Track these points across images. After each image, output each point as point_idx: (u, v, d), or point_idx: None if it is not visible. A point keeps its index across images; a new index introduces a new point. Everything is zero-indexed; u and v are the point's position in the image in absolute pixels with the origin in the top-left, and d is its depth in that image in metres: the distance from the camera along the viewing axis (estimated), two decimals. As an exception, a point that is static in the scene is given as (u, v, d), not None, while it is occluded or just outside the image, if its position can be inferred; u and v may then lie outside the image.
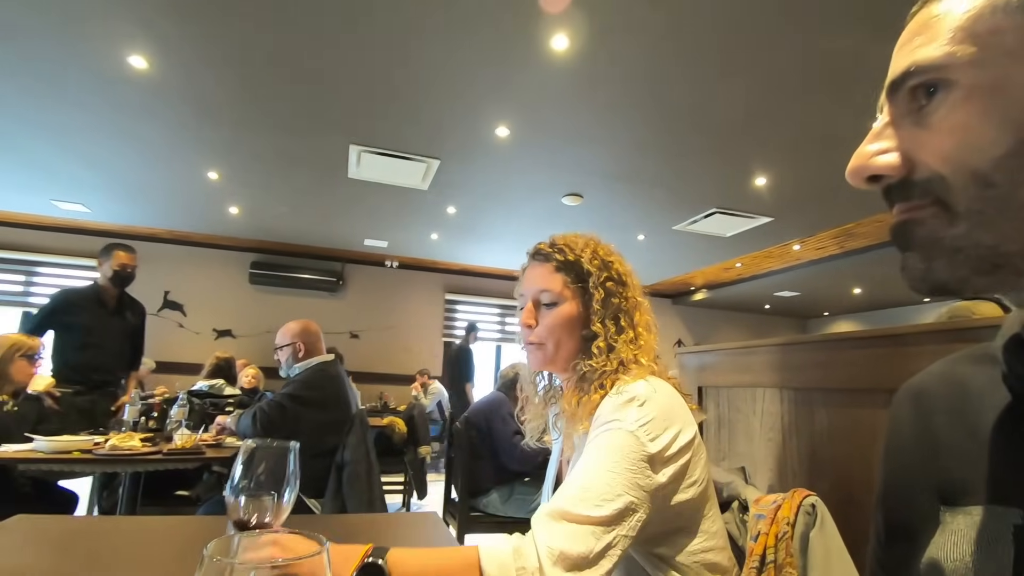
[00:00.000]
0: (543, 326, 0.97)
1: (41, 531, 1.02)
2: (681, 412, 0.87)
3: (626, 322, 0.96)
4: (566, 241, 1.02)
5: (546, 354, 0.98)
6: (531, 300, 1.00)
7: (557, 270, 0.98)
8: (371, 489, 2.44)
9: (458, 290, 8.35)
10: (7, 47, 2.99)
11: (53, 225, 6.71)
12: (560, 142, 3.90)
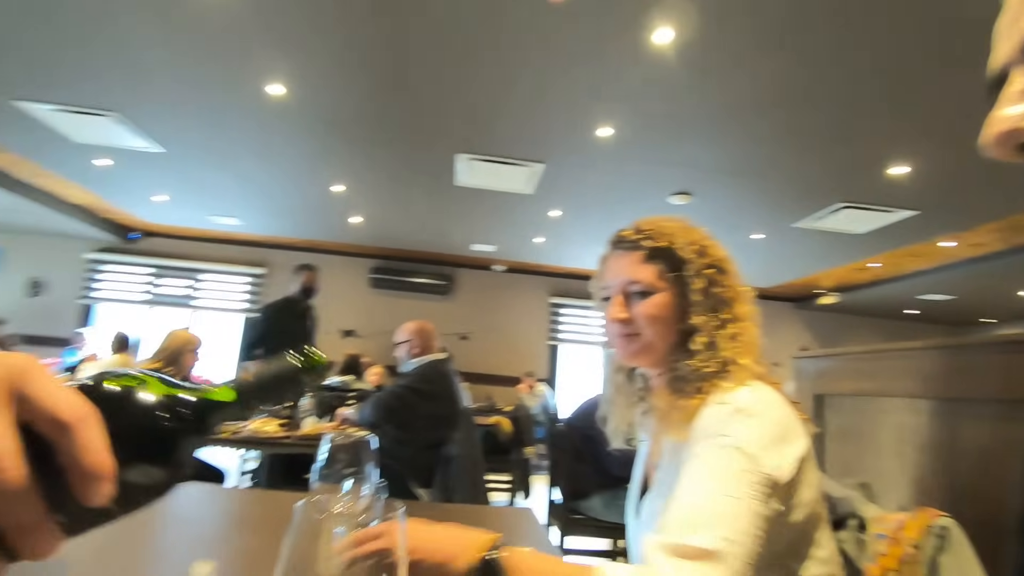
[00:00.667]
0: (639, 315, 0.89)
1: (199, 495, 1.18)
2: (795, 426, 0.79)
3: (728, 314, 0.88)
4: (655, 226, 0.92)
5: (643, 344, 0.90)
6: (620, 292, 0.91)
7: (648, 259, 0.90)
8: (475, 483, 2.53)
9: (563, 293, 8.36)
10: (175, 82, 3.50)
11: (210, 237, 7.72)
12: (667, 139, 3.78)
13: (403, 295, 8.00)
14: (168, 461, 0.29)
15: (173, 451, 0.30)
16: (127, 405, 0.29)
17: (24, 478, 0.24)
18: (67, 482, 0.25)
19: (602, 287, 0.96)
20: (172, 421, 0.30)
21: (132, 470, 0.27)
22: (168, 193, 5.96)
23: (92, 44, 3.08)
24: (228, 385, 0.33)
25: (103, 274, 7.73)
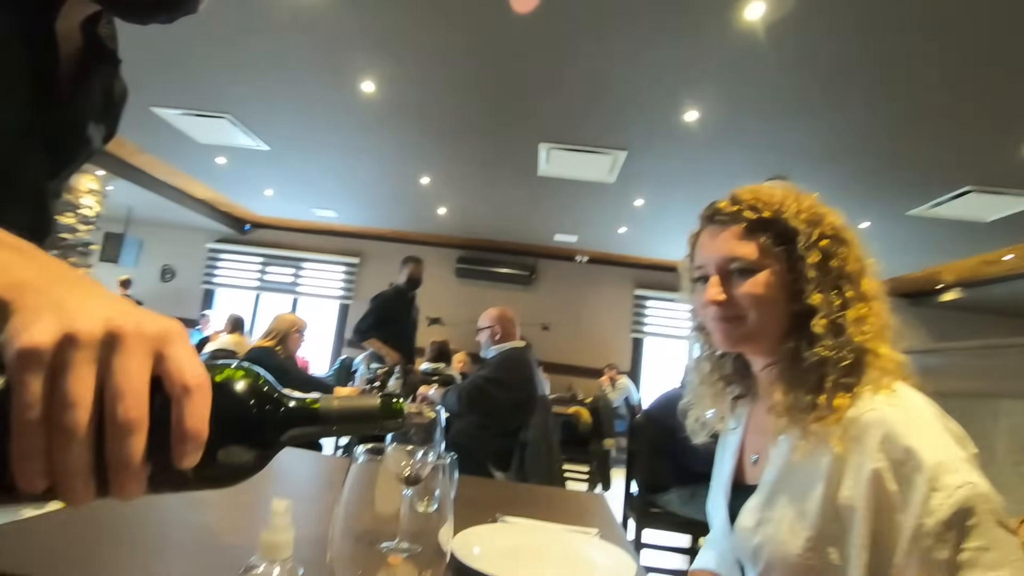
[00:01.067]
0: (742, 295, 0.79)
1: (296, 457, 1.31)
2: (962, 434, 0.70)
3: (851, 292, 0.76)
4: (756, 195, 0.82)
5: (747, 328, 0.79)
6: (717, 271, 0.81)
7: (750, 232, 0.79)
8: (551, 468, 2.56)
9: (648, 285, 8.15)
10: (277, 84, 3.80)
11: (312, 228, 8.30)
12: (759, 121, 3.57)
13: (487, 285, 8.16)
14: (250, 449, 0.33)
15: (256, 442, 0.34)
16: (234, 392, 0.33)
17: (143, 420, 0.28)
18: (168, 439, 0.29)
19: (696, 267, 0.86)
20: (262, 416, 0.34)
21: (219, 447, 0.31)
22: (273, 188, 6.49)
23: (209, 52, 3.41)
24: (317, 403, 0.35)
25: (221, 262, 8.56)
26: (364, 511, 0.42)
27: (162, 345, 0.30)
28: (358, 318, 4.35)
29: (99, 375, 0.28)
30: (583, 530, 0.96)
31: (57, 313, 0.28)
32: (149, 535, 0.75)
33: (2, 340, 0.28)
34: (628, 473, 3.18)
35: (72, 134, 0.68)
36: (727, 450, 0.95)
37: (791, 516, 0.74)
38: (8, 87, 0.57)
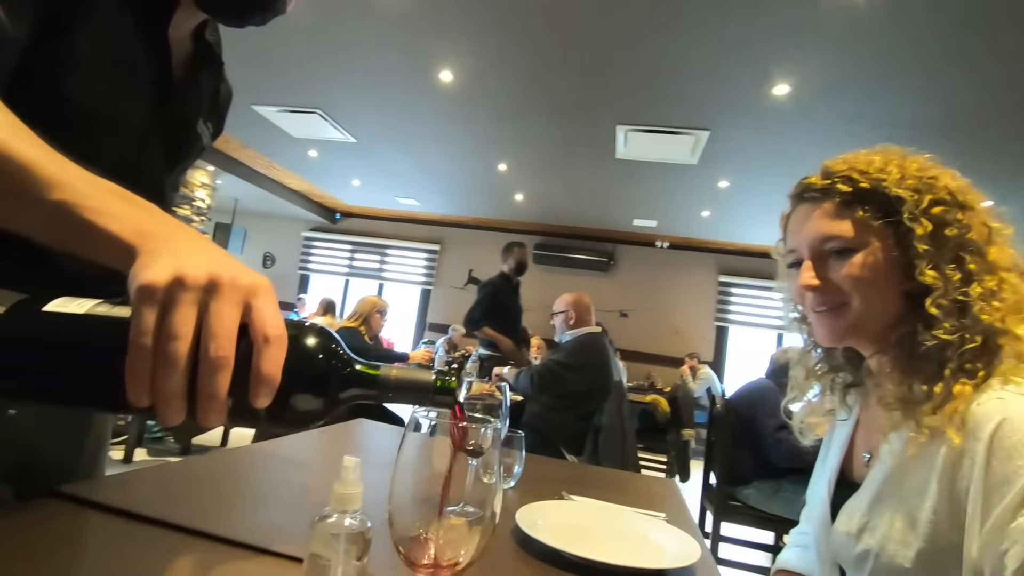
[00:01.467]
0: (841, 279, 0.70)
1: (377, 429, 1.40)
2: None
3: (976, 263, 0.67)
4: (852, 164, 0.73)
5: (851, 317, 0.71)
6: (811, 254, 0.74)
7: (845, 206, 0.71)
8: (624, 454, 2.55)
9: (734, 271, 7.78)
10: (361, 78, 3.97)
11: (396, 216, 8.64)
12: (861, 91, 3.28)
13: (565, 271, 8.14)
14: (315, 399, 0.37)
15: (321, 394, 0.38)
16: (307, 347, 0.37)
17: (229, 360, 0.33)
18: (247, 380, 0.33)
19: (788, 251, 0.79)
20: (328, 372, 0.38)
21: (289, 393, 0.36)
22: (360, 178, 6.81)
23: (301, 51, 3.63)
24: (378, 369, 0.39)
25: (315, 249, 9.14)
26: (424, 475, 0.44)
27: (251, 296, 0.34)
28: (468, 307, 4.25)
29: (199, 316, 0.33)
30: (650, 513, 0.95)
31: (172, 258, 0.34)
32: (256, 489, 0.84)
33: (129, 276, 0.34)
34: (707, 464, 3.09)
35: (184, 131, 0.76)
36: (835, 442, 0.87)
37: (901, 524, 0.66)
38: (131, 90, 0.65)
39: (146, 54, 0.66)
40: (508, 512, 0.79)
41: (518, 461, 1.03)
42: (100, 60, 0.61)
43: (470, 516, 0.41)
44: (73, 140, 0.55)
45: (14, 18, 0.51)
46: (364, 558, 0.47)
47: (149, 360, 0.32)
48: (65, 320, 0.35)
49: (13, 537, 0.54)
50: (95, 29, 0.59)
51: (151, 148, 0.70)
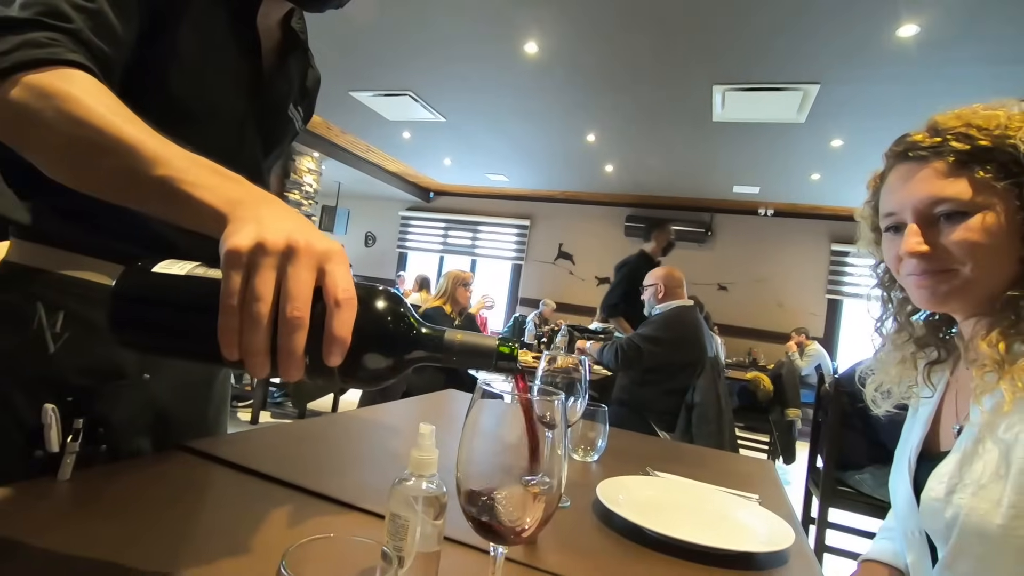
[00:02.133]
0: (955, 244, 0.66)
1: (461, 401, 1.45)
2: None
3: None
4: (969, 120, 0.67)
5: (958, 282, 0.67)
6: (914, 218, 0.69)
7: (961, 166, 0.66)
8: (720, 433, 2.45)
9: (849, 240, 7.07)
10: (449, 57, 4.01)
11: (486, 193, 8.77)
12: (1005, 27, 2.81)
13: (657, 243, 7.86)
14: (384, 359, 0.40)
15: (389, 354, 0.40)
16: (377, 310, 0.40)
17: (304, 320, 0.35)
18: (321, 338, 0.36)
19: (885, 215, 0.75)
20: (396, 333, 0.40)
21: (360, 353, 0.38)
22: (451, 157, 6.96)
23: (391, 34, 3.74)
24: (442, 333, 0.41)
25: (411, 228, 9.52)
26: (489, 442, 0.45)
27: (325, 261, 0.37)
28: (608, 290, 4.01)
29: (278, 279, 0.36)
30: (741, 494, 0.91)
31: (256, 225, 0.37)
32: (352, 451, 0.91)
33: (220, 242, 0.37)
34: (813, 446, 2.90)
35: (277, 117, 0.81)
36: (918, 420, 0.82)
37: (990, 479, 0.63)
38: (227, 80, 0.71)
39: (238, 45, 0.71)
40: (590, 486, 0.79)
41: (601, 435, 1.02)
42: (198, 54, 0.66)
43: (536, 484, 0.41)
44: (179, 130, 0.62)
45: (123, 21, 0.58)
46: (440, 519, 0.49)
47: (237, 319, 0.35)
48: (168, 281, 0.40)
49: (149, 482, 0.62)
50: (192, 26, 0.65)
51: (248, 134, 0.76)
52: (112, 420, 0.66)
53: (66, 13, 0.53)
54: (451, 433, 0.43)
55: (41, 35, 0.50)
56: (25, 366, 0.63)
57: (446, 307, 3.34)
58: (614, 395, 2.75)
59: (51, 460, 0.59)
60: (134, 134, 0.44)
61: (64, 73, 0.49)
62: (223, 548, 0.50)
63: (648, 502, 0.80)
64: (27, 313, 0.63)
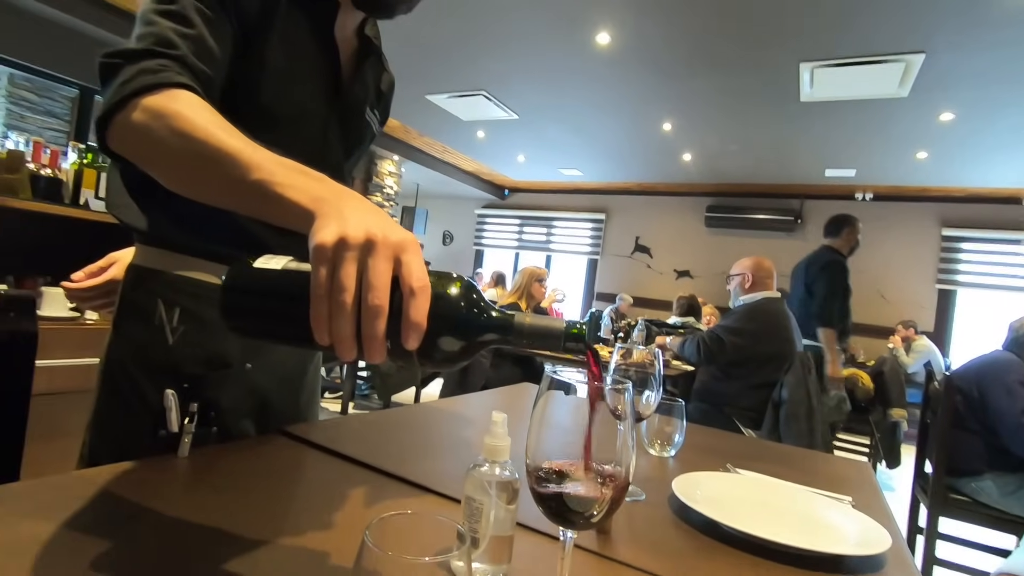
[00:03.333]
0: None
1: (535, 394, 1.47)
2: None
3: None
4: None
5: None
6: None
7: None
8: (811, 433, 2.31)
9: (963, 223, 6.41)
10: (521, 53, 4.03)
11: (560, 188, 8.74)
12: None
13: (742, 233, 7.50)
14: (458, 341, 0.42)
15: (462, 336, 0.42)
16: (449, 296, 0.42)
17: (384, 308, 0.38)
18: (399, 324, 0.39)
19: None
20: (468, 318, 0.42)
21: (435, 336, 0.41)
22: (525, 153, 7.00)
23: (463, 35, 3.81)
24: (511, 316, 0.43)
25: (487, 225, 9.68)
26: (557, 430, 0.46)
27: (401, 252, 0.40)
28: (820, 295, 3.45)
29: (359, 270, 0.39)
30: (832, 495, 0.86)
31: (339, 221, 0.40)
32: (431, 439, 0.95)
33: (309, 237, 0.41)
34: (920, 450, 2.66)
35: (355, 119, 0.87)
36: None
37: None
38: (309, 88, 0.77)
39: (318, 55, 0.77)
40: (666, 481, 0.78)
41: (678, 430, 1.00)
42: (284, 65, 0.73)
43: (604, 473, 0.42)
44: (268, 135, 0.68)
45: (220, 45, 0.65)
46: (513, 504, 0.50)
47: (326, 307, 0.38)
48: (267, 274, 0.45)
49: (252, 461, 0.69)
50: (278, 40, 0.72)
51: (329, 138, 0.82)
52: (221, 404, 0.74)
53: (173, 41, 0.60)
54: (524, 423, 0.44)
55: (153, 63, 0.57)
56: (150, 356, 0.72)
57: (521, 303, 3.37)
58: (695, 390, 2.66)
59: (172, 439, 0.68)
60: (233, 143, 0.49)
61: (173, 94, 0.55)
62: (314, 521, 0.55)
63: (727, 498, 0.77)
64: (150, 310, 0.72)
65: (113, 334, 0.75)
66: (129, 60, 0.57)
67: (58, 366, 1.37)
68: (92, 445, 0.73)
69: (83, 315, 1.58)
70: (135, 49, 0.58)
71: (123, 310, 0.75)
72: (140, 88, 0.54)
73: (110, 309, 0.80)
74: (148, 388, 0.70)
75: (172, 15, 0.61)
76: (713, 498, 0.75)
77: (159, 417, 0.68)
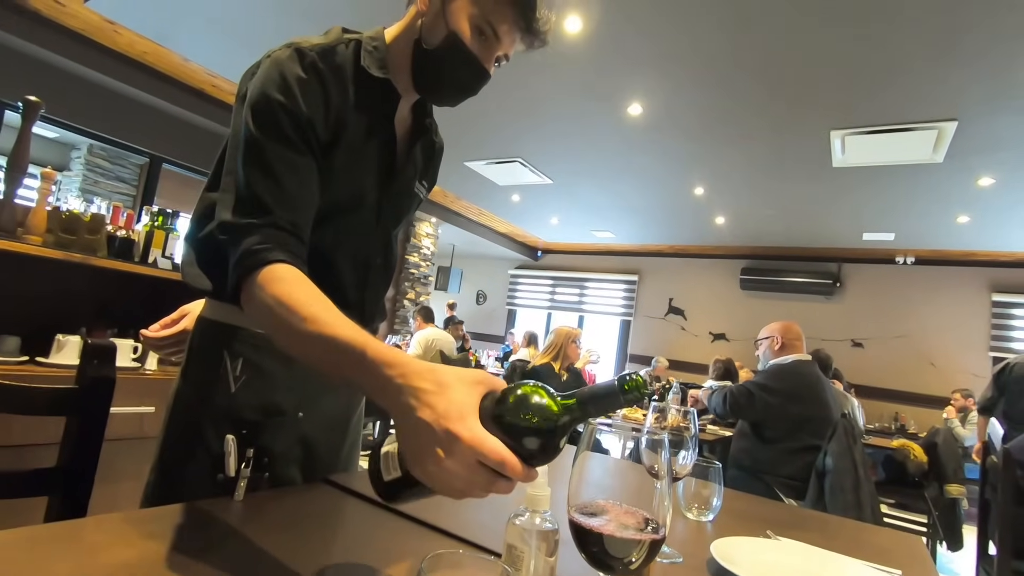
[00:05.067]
0: None
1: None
2: None
3: None
4: None
5: None
6: None
7: None
8: (860, 506, 2.19)
9: (1013, 288, 6.18)
10: (557, 123, 4.23)
11: (592, 250, 8.84)
12: None
13: (777, 296, 7.38)
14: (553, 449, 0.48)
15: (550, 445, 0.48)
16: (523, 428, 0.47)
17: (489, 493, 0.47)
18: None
19: None
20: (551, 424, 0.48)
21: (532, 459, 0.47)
22: (558, 216, 7.16)
23: (502, 107, 4.04)
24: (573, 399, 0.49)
25: (520, 285, 9.80)
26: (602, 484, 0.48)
27: (465, 454, 0.45)
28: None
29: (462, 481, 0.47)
30: (880, 568, 0.83)
31: (416, 439, 0.48)
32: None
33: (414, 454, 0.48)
34: (982, 530, 2.48)
35: (405, 193, 0.94)
36: None
37: None
38: (368, 175, 0.84)
39: (379, 144, 0.84)
40: (703, 544, 0.77)
41: (715, 494, 0.99)
42: (352, 163, 0.80)
43: (643, 520, 0.44)
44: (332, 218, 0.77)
45: (304, 187, 0.73)
46: (554, 556, 0.52)
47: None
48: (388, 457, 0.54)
49: (301, 507, 0.72)
50: (345, 145, 0.79)
51: (384, 213, 0.88)
52: (274, 451, 0.78)
53: (266, 205, 0.68)
54: (556, 470, 0.47)
55: (255, 243, 0.66)
56: (214, 403, 0.77)
57: (555, 364, 3.37)
58: (731, 457, 2.58)
59: (229, 483, 0.72)
60: (364, 339, 0.54)
61: (276, 270, 0.64)
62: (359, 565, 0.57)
63: (768, 565, 0.76)
64: (216, 359, 0.78)
65: (181, 381, 0.80)
66: (233, 232, 0.68)
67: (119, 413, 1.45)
68: (155, 485, 0.77)
69: (143, 365, 1.68)
70: (238, 224, 0.68)
71: (191, 359, 0.81)
72: (249, 268, 0.65)
73: (179, 357, 0.86)
74: (210, 433, 0.75)
75: (264, 171, 0.69)
76: (754, 563, 0.73)
77: (218, 461, 0.73)
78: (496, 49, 0.81)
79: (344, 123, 0.77)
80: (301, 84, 0.73)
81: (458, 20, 0.77)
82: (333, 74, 0.77)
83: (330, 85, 0.76)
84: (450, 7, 0.77)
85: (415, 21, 0.82)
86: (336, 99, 0.76)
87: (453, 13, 0.77)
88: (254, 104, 0.71)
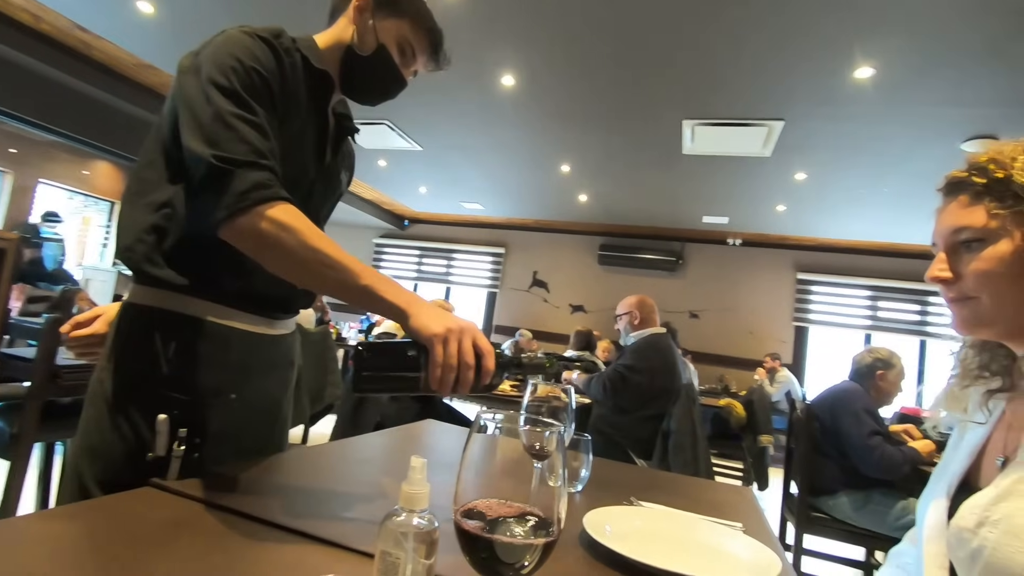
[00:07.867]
0: (968, 273, 0.71)
1: (444, 431, 1.43)
2: None
3: None
4: (992, 155, 0.72)
5: (978, 311, 0.71)
6: (943, 247, 0.74)
7: (976, 197, 0.70)
8: (696, 460, 2.46)
9: (813, 268, 7.33)
10: (428, 87, 4.07)
11: (461, 221, 8.80)
12: (956, 71, 3.00)
13: (631, 271, 7.99)
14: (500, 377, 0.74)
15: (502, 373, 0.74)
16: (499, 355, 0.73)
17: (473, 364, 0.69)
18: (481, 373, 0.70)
19: (932, 245, 0.79)
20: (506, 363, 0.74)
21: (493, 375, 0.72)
22: (427, 185, 6.99)
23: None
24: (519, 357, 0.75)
25: (386, 255, 9.47)
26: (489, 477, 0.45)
27: (473, 335, 0.70)
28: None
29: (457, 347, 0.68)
30: (725, 523, 0.91)
31: (435, 318, 0.70)
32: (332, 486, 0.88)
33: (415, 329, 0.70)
34: (787, 473, 2.93)
35: (334, 180, 1.03)
36: (963, 446, 0.81)
37: (1022, 520, 0.63)
38: (305, 156, 0.91)
39: (315, 129, 0.93)
40: (575, 517, 0.78)
41: (585, 465, 1.02)
42: (292, 139, 0.87)
43: (534, 520, 0.41)
44: None
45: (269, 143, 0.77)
46: (432, 557, 0.47)
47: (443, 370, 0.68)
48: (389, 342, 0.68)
49: (124, 522, 0.59)
50: (290, 119, 0.86)
51: (315, 196, 0.96)
52: (207, 431, 0.81)
53: (264, 153, 0.75)
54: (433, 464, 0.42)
55: (263, 177, 0.73)
56: (144, 385, 0.80)
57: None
58: (591, 424, 2.75)
59: (159, 463, 0.76)
60: (345, 257, 0.74)
61: (286, 209, 0.73)
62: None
63: (635, 533, 0.79)
64: (148, 343, 0.81)
65: (107, 364, 0.82)
66: (239, 167, 0.72)
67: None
68: (79, 468, 0.79)
69: None
70: (242, 160, 0.72)
71: (119, 345, 0.83)
72: (260, 200, 0.71)
73: (93, 359, 0.89)
74: (137, 416, 0.78)
75: (254, 125, 0.75)
76: (622, 533, 0.76)
77: (148, 443, 0.76)
78: (412, 66, 1.00)
79: (293, 100, 0.86)
80: (263, 53, 0.81)
81: (386, 37, 0.93)
82: (285, 54, 0.85)
83: (283, 62, 0.84)
84: (380, 24, 0.92)
85: (345, 31, 0.94)
86: (289, 75, 0.85)
87: (383, 30, 0.93)
88: (230, 67, 0.76)
